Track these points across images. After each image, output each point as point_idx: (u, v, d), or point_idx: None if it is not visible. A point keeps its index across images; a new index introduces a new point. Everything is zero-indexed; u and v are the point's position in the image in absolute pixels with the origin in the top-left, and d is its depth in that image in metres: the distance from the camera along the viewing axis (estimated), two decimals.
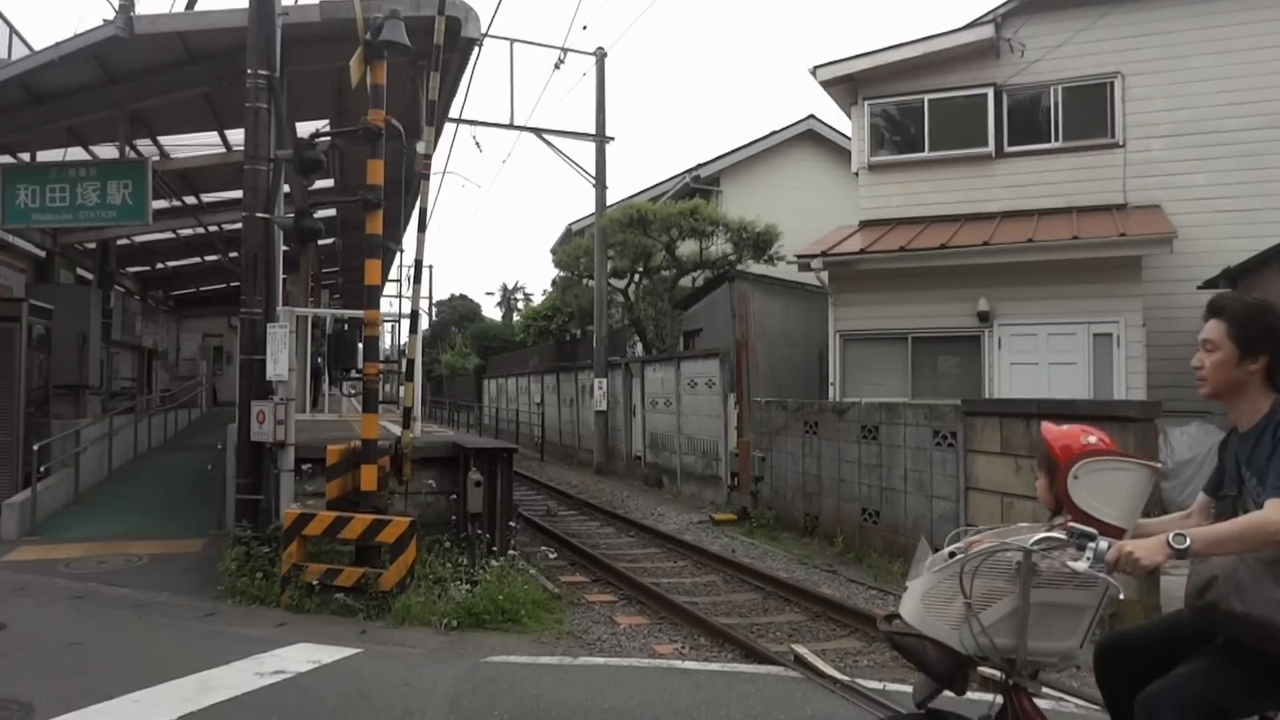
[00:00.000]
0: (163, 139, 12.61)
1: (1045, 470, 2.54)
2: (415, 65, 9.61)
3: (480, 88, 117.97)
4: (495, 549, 7.86)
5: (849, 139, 16.06)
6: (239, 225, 8.45)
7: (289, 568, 6.94)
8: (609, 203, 20.25)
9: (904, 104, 13.81)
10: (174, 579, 7.82)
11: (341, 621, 6.57)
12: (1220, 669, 2.37)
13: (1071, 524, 2.32)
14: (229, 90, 9.83)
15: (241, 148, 8.53)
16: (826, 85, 14.19)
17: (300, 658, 5.50)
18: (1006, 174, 13.18)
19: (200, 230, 15.93)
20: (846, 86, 14.12)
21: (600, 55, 19.38)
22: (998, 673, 2.50)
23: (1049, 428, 2.57)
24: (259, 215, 7.94)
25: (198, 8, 9.87)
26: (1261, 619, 2.25)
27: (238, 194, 9.61)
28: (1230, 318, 2.50)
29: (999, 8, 13.27)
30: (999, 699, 2.52)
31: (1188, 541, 2.19)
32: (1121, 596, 2.35)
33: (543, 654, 5.91)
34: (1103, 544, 2.24)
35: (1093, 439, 2.47)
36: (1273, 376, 2.44)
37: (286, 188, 9.91)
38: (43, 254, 14.09)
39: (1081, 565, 2.23)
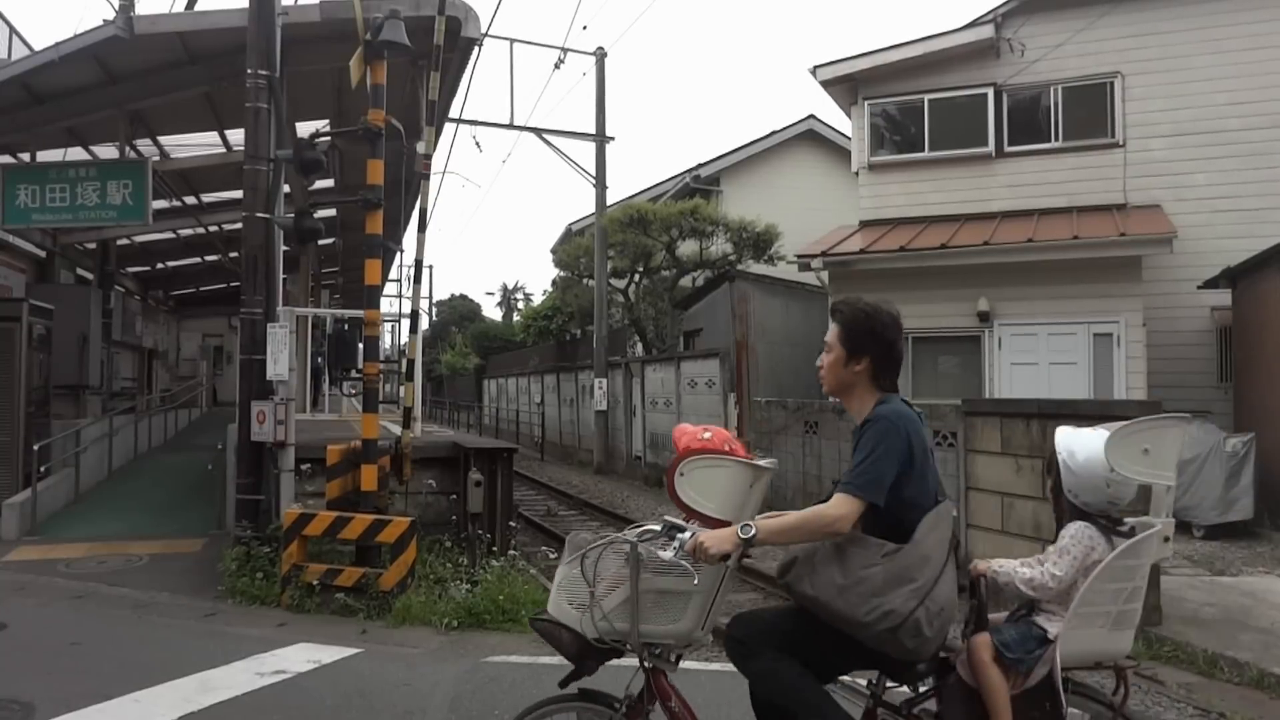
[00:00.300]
0: (163, 139, 12.61)
1: None
2: (415, 65, 9.61)
3: (480, 88, 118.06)
4: (495, 549, 7.85)
5: (849, 139, 16.07)
6: (239, 225, 8.45)
7: (289, 568, 6.94)
8: (609, 203, 20.24)
9: (904, 104, 13.81)
10: (174, 579, 7.82)
11: (342, 621, 6.57)
12: (802, 620, 2.54)
13: (666, 517, 2.55)
14: (229, 90, 9.83)
15: (241, 148, 8.52)
16: (826, 85, 14.19)
17: (300, 658, 5.50)
18: (1007, 174, 13.18)
19: (200, 230, 15.93)
20: (846, 86, 14.13)
21: (600, 55, 19.38)
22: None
23: (681, 428, 2.75)
24: (259, 215, 7.94)
25: (198, 8, 9.88)
26: (823, 600, 2.41)
27: (238, 194, 9.60)
28: (840, 321, 2.69)
29: (999, 8, 13.27)
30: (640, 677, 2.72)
31: (753, 531, 2.37)
32: (695, 583, 2.47)
33: (543, 654, 5.89)
34: (686, 535, 2.43)
35: (707, 435, 2.68)
36: (877, 377, 2.61)
37: (286, 188, 9.90)
38: (43, 254, 14.09)
39: (668, 554, 2.43)
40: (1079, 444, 2.69)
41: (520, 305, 60.24)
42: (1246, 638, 5.95)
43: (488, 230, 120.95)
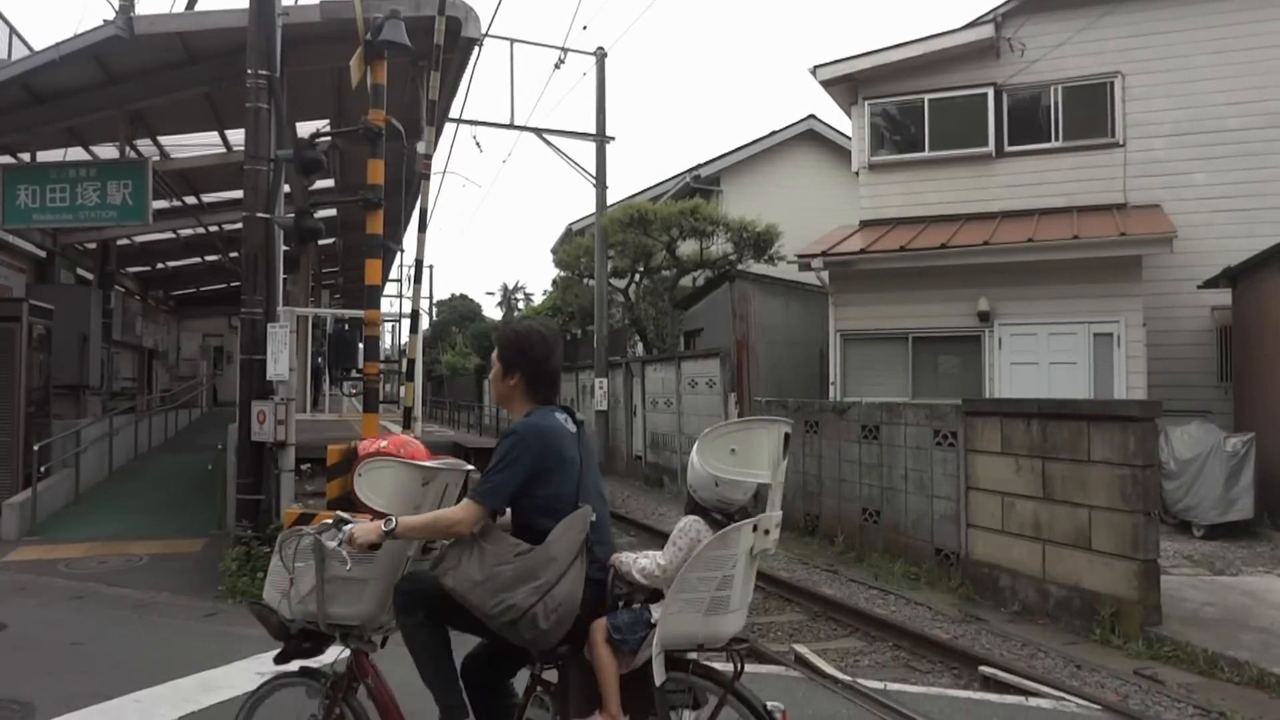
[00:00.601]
0: (163, 139, 12.61)
1: None
2: (415, 65, 9.61)
3: (480, 88, 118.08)
4: None
5: (849, 139, 16.06)
6: (239, 225, 8.45)
7: None
8: (609, 202, 20.21)
9: (904, 104, 13.81)
10: (174, 579, 7.82)
11: None
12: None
13: (339, 512, 2.87)
14: (229, 90, 9.82)
15: (242, 148, 8.52)
16: (827, 85, 14.18)
17: None
18: (1007, 173, 13.18)
19: (200, 230, 15.94)
20: (847, 86, 14.12)
21: (600, 55, 19.35)
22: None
23: (370, 439, 3.04)
24: (259, 215, 7.93)
25: (198, 8, 9.88)
26: (460, 593, 2.66)
27: (238, 194, 9.61)
28: (497, 341, 3.03)
29: (999, 7, 13.27)
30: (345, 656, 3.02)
31: (394, 524, 2.69)
32: (348, 569, 2.75)
33: None
34: (348, 528, 2.73)
35: (384, 444, 3.08)
36: (530, 391, 2.92)
37: (287, 188, 9.91)
38: (43, 254, 14.09)
39: (332, 544, 2.73)
40: None
41: (520, 305, 60.27)
42: (1247, 637, 5.95)
43: (488, 230, 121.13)
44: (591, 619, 2.70)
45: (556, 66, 18.62)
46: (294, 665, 3.05)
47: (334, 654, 3.06)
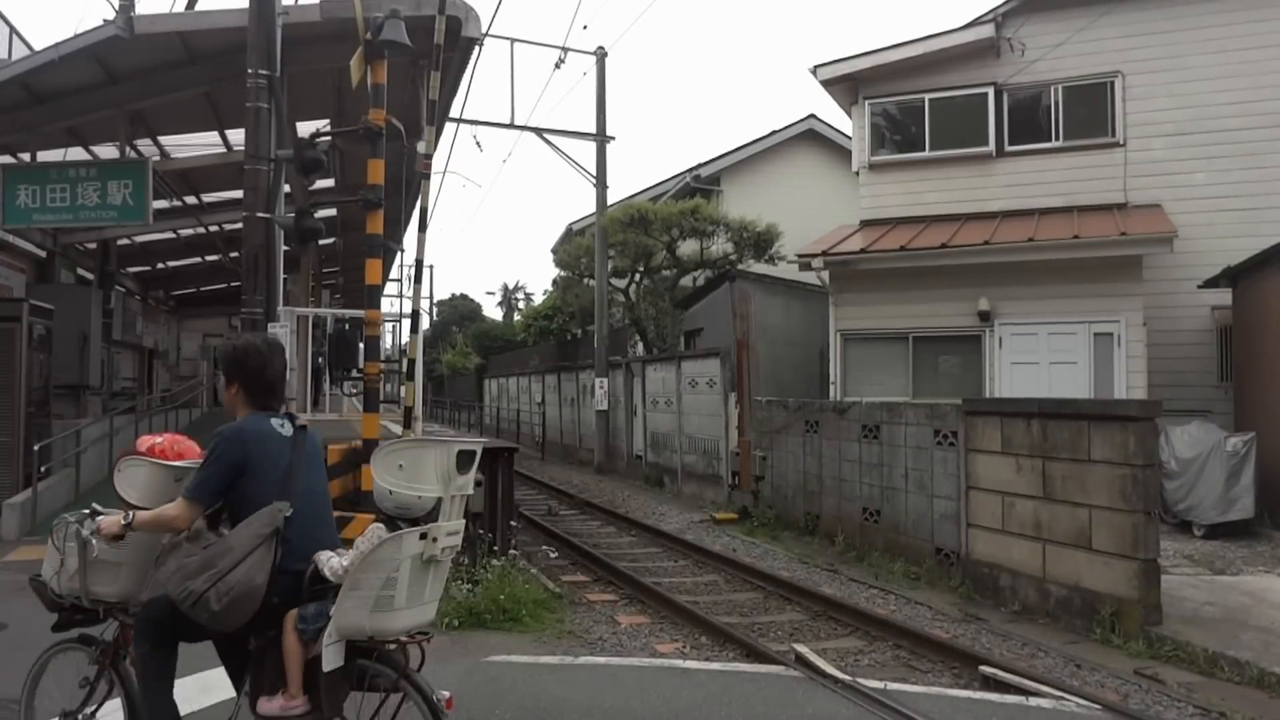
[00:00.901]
0: (163, 139, 12.62)
1: None
2: (416, 65, 9.62)
3: (481, 87, 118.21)
4: (496, 548, 7.85)
5: (850, 138, 16.07)
6: (239, 225, 8.46)
7: None
8: (610, 202, 20.23)
9: (904, 103, 13.81)
10: None
11: None
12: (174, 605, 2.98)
13: (94, 504, 3.21)
14: (229, 90, 9.84)
15: (242, 148, 8.52)
16: (827, 85, 14.19)
17: None
18: (1007, 173, 13.19)
19: (200, 230, 15.95)
20: (847, 86, 14.13)
21: (600, 55, 19.37)
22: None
23: (145, 437, 3.46)
24: (260, 215, 7.93)
25: (198, 8, 9.88)
26: (162, 584, 2.94)
27: (238, 194, 9.61)
28: (218, 356, 3.38)
29: (999, 7, 13.27)
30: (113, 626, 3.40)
31: (130, 519, 3.01)
32: (95, 555, 3.12)
33: (544, 653, 5.91)
34: (99, 518, 3.08)
35: (159, 440, 3.43)
36: (250, 398, 3.22)
37: (287, 187, 9.91)
38: (43, 254, 14.10)
39: (85, 533, 3.08)
40: None
41: (521, 305, 60.29)
42: (1247, 637, 5.95)
43: (488, 230, 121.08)
44: (290, 608, 2.94)
45: (557, 66, 18.66)
46: (74, 633, 3.44)
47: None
